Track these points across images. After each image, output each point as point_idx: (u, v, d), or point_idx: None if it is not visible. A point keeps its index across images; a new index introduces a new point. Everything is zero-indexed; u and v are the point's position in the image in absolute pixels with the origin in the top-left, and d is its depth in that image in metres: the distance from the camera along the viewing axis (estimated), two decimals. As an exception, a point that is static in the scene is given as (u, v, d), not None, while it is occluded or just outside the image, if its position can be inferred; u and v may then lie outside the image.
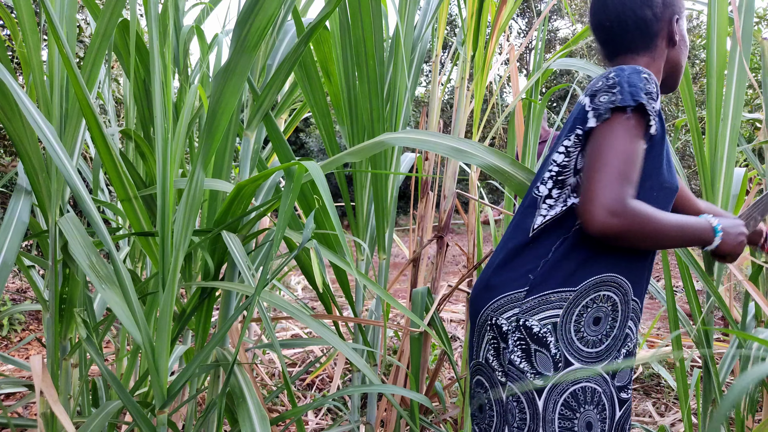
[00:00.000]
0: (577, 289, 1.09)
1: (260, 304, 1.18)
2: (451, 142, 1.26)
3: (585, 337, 1.10)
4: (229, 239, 1.22)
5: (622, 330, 1.14)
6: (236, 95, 1.18)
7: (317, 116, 1.64)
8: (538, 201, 1.15)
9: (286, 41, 1.61)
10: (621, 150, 1.00)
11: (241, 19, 1.17)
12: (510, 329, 1.11)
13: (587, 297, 1.10)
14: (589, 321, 1.10)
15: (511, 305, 1.12)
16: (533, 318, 1.09)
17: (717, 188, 1.55)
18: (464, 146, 1.26)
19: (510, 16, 2.07)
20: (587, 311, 1.10)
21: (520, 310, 1.10)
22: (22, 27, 1.19)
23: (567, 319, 1.09)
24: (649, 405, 2.81)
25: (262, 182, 1.20)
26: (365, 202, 1.69)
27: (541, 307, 1.09)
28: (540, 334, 1.08)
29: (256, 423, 1.11)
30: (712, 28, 1.52)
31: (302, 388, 2.89)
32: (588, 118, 1.07)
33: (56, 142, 1.10)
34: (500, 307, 1.13)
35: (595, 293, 1.10)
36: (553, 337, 1.08)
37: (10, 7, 3.84)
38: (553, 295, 1.09)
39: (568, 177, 1.12)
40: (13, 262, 1.16)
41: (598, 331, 1.11)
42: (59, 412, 1.08)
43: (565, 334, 1.09)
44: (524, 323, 1.10)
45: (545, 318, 1.09)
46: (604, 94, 1.06)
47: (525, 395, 1.09)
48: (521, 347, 1.10)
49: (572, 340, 1.09)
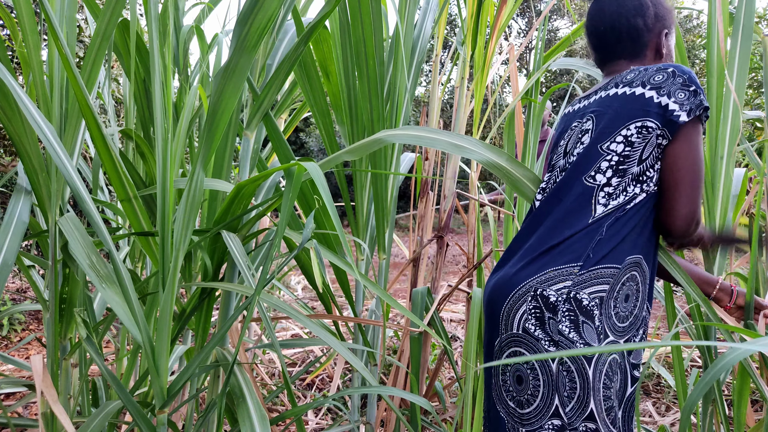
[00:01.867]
0: (622, 266, 1.17)
1: (260, 304, 1.18)
2: (449, 137, 1.27)
3: (619, 313, 1.17)
4: (228, 239, 1.22)
5: (642, 310, 1.21)
6: (236, 95, 1.18)
7: (317, 116, 1.64)
8: (594, 190, 1.21)
9: (285, 41, 1.61)
10: (700, 164, 1.15)
11: (241, 19, 1.17)
12: (560, 300, 1.15)
13: (626, 275, 1.18)
14: (622, 297, 1.18)
15: (564, 278, 1.17)
16: (584, 291, 1.15)
17: (717, 188, 1.54)
18: (462, 142, 1.27)
19: (510, 16, 2.07)
20: (623, 288, 1.17)
21: (573, 282, 1.16)
22: (22, 27, 1.19)
23: (611, 295, 1.16)
24: (649, 405, 2.81)
25: (261, 182, 1.20)
26: (365, 202, 1.69)
27: (593, 281, 1.16)
28: (588, 307, 1.14)
29: (256, 423, 1.11)
30: (713, 28, 1.52)
31: (302, 388, 2.89)
32: (672, 111, 1.15)
33: (56, 141, 1.10)
34: (550, 279, 1.18)
35: (630, 272, 1.18)
36: (598, 310, 1.14)
37: (10, 6, 3.84)
38: (605, 270, 1.16)
39: (631, 166, 1.19)
40: (13, 262, 1.16)
41: (627, 308, 1.18)
42: (59, 411, 1.08)
43: (607, 309, 1.15)
44: (575, 295, 1.15)
45: (595, 292, 1.15)
46: (683, 91, 1.16)
47: (575, 364, 1.14)
48: (570, 318, 1.15)
49: (611, 315, 1.16)
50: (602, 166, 1.21)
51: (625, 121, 1.19)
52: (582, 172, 1.23)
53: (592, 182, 1.21)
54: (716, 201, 1.54)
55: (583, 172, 1.23)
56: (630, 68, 1.30)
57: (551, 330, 1.16)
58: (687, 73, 1.18)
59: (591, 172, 1.22)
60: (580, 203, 1.22)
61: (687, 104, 1.15)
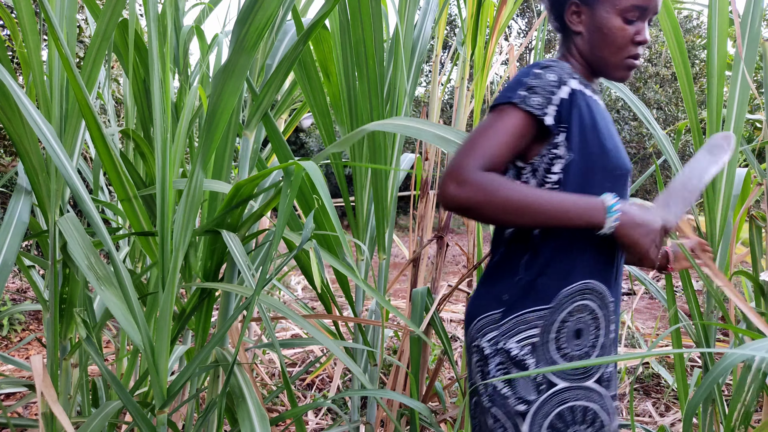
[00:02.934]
0: (553, 304, 1.03)
1: (260, 305, 1.18)
2: (436, 129, 1.23)
3: (569, 354, 1.03)
4: (228, 238, 1.22)
5: (608, 336, 1.08)
6: (236, 95, 1.18)
7: (317, 116, 1.64)
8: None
9: (285, 41, 1.61)
10: (484, 129, 1.00)
11: (241, 18, 1.17)
12: (491, 353, 1.05)
13: (564, 311, 1.03)
14: (570, 336, 1.04)
15: (490, 327, 1.06)
16: (511, 340, 1.03)
17: (718, 189, 1.54)
18: (449, 134, 1.22)
19: (510, 16, 2.07)
20: (566, 325, 1.03)
21: (499, 332, 1.05)
22: (23, 27, 1.19)
23: (546, 338, 1.03)
24: (649, 405, 2.80)
25: (260, 181, 1.20)
26: (365, 202, 1.69)
27: (518, 328, 1.03)
28: (519, 357, 1.02)
29: (256, 423, 1.11)
30: (713, 29, 1.51)
31: (302, 388, 2.89)
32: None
33: (56, 142, 1.10)
34: (481, 328, 1.08)
35: (571, 305, 1.03)
36: (533, 358, 1.02)
37: (11, 7, 3.84)
38: (529, 315, 1.03)
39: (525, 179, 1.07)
40: (13, 262, 1.16)
41: (582, 344, 1.04)
42: (59, 412, 1.08)
43: (545, 354, 1.02)
44: (503, 346, 1.04)
45: (523, 339, 1.03)
46: (499, 94, 1.06)
47: (509, 421, 1.03)
48: (502, 371, 1.04)
49: (554, 361, 1.03)
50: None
51: None
52: None
53: None
54: (717, 201, 1.54)
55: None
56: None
57: (489, 386, 1.06)
58: (529, 68, 1.04)
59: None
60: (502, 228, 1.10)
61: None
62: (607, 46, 1.06)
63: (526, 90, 1.00)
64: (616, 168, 1.05)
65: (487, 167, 0.96)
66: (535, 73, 1.02)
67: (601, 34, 1.06)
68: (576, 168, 1.02)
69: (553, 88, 1.01)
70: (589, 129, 1.03)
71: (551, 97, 1.01)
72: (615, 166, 1.05)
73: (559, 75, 1.02)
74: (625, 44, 1.05)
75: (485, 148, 0.97)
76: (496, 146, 0.98)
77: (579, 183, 1.02)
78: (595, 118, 1.04)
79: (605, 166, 1.04)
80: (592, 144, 1.02)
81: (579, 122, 1.02)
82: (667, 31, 1.55)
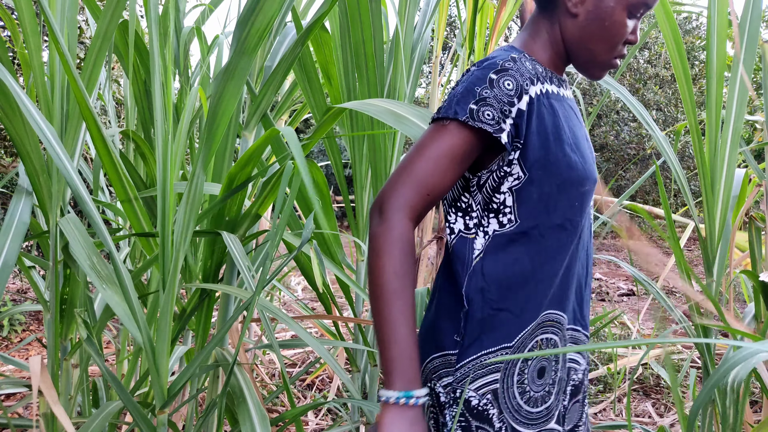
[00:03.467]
0: (514, 343, 0.90)
1: (260, 305, 1.19)
2: (389, 105, 1.15)
3: (532, 397, 0.91)
4: (228, 239, 1.22)
5: (564, 369, 0.97)
6: (236, 96, 1.19)
7: (317, 117, 1.65)
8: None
9: (285, 43, 1.62)
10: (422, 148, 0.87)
11: (241, 21, 1.17)
12: (447, 401, 0.90)
13: (525, 350, 0.91)
14: (533, 376, 0.92)
15: (446, 369, 0.91)
16: (469, 388, 0.89)
17: (717, 190, 1.55)
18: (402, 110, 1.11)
19: (510, 17, 2.08)
20: (529, 365, 0.91)
21: (454, 378, 0.89)
22: (23, 28, 1.20)
23: (508, 383, 0.90)
24: (649, 405, 2.81)
25: (252, 167, 1.19)
26: (365, 202, 1.69)
27: (476, 374, 0.89)
28: (480, 408, 0.89)
29: (256, 423, 1.12)
30: (712, 30, 1.52)
31: (302, 389, 2.89)
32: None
33: (57, 143, 1.10)
34: (436, 370, 0.92)
35: (533, 341, 0.91)
36: (495, 408, 0.89)
37: (11, 8, 3.84)
38: (488, 356, 0.89)
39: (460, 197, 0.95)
40: (14, 263, 1.16)
41: (544, 383, 0.93)
42: (59, 412, 1.08)
43: (509, 401, 0.90)
44: (460, 395, 0.89)
45: (483, 386, 0.89)
46: (447, 97, 0.91)
47: None
48: (461, 425, 0.90)
49: (519, 407, 0.90)
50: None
51: None
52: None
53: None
54: (716, 203, 1.55)
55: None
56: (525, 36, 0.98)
57: None
58: (469, 74, 0.89)
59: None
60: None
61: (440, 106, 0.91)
62: (603, 40, 0.92)
63: (477, 102, 0.86)
64: (581, 182, 0.92)
65: (421, 204, 0.86)
66: (489, 80, 0.87)
67: (602, 26, 0.91)
68: (534, 188, 0.89)
69: (511, 98, 0.87)
70: (551, 141, 0.89)
71: (509, 110, 0.86)
72: (580, 180, 0.92)
73: (517, 82, 0.87)
74: (619, 41, 0.93)
75: (421, 177, 0.86)
76: (435, 174, 0.86)
77: (538, 204, 0.90)
78: (559, 126, 0.91)
79: (570, 182, 0.91)
80: (555, 158, 0.89)
81: (541, 135, 0.89)
82: (666, 32, 1.56)
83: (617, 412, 2.74)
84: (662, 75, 9.70)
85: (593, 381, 3.08)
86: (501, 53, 0.91)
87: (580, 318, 0.99)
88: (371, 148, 1.58)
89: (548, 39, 0.96)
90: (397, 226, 0.83)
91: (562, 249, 0.92)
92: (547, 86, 0.93)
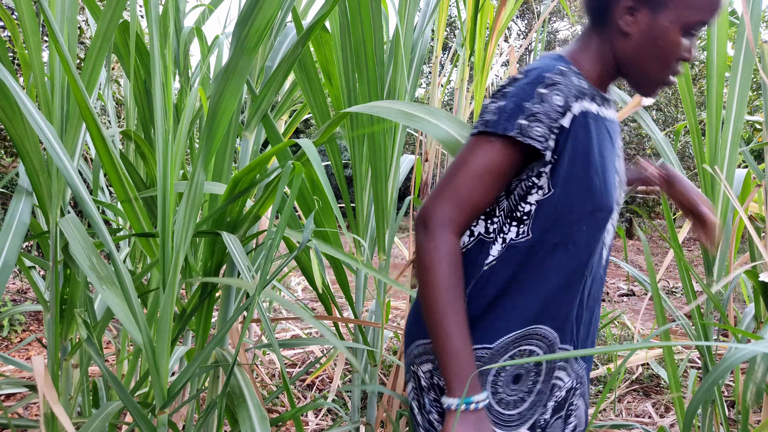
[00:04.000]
0: (494, 346, 0.93)
1: (260, 305, 1.18)
2: (401, 106, 1.16)
3: (504, 399, 0.94)
4: (228, 239, 1.22)
5: (548, 384, 0.98)
6: (236, 96, 1.19)
7: (317, 117, 1.65)
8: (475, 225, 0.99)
9: (286, 43, 1.62)
10: (467, 162, 0.88)
11: (241, 20, 1.17)
12: (427, 386, 0.97)
13: (505, 354, 0.94)
14: (508, 380, 0.95)
15: (428, 357, 0.97)
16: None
17: (717, 190, 1.55)
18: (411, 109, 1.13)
19: (510, 17, 2.08)
20: (506, 370, 0.94)
21: (434, 366, 0.95)
22: (23, 28, 1.20)
23: (483, 380, 0.94)
24: (649, 405, 2.81)
25: (258, 172, 1.19)
26: (365, 203, 1.69)
27: None
28: None
29: (256, 423, 1.12)
30: (712, 31, 1.52)
31: (302, 389, 2.89)
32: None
33: (57, 142, 1.10)
34: (420, 355, 0.99)
35: (515, 349, 0.94)
36: None
37: (11, 8, 3.84)
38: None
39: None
40: (14, 263, 1.16)
41: (518, 389, 0.95)
42: (59, 412, 1.08)
43: None
44: (438, 383, 0.95)
45: None
46: (491, 104, 0.90)
47: None
48: (437, 409, 0.96)
49: (489, 405, 0.94)
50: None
51: None
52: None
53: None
54: (716, 203, 1.55)
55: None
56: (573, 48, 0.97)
57: (424, 419, 0.98)
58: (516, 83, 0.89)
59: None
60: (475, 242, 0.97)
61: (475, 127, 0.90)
62: (657, 59, 0.91)
63: (527, 117, 0.86)
64: (597, 209, 0.93)
65: (465, 219, 0.88)
66: (539, 95, 0.87)
67: (656, 45, 0.90)
68: (553, 205, 0.90)
69: (558, 115, 0.87)
70: (579, 162, 0.90)
71: (554, 125, 0.87)
72: (596, 208, 0.92)
73: (565, 97, 0.88)
74: (673, 60, 0.91)
75: (465, 194, 0.87)
76: (480, 191, 0.88)
77: (551, 221, 0.91)
78: (590, 149, 0.91)
79: (585, 206, 0.92)
80: (577, 180, 0.90)
81: (571, 154, 0.89)
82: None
83: (617, 412, 2.74)
84: (662, 75, 9.68)
85: (593, 381, 3.08)
86: (548, 63, 0.91)
87: (576, 339, 1.00)
88: (371, 148, 1.58)
89: (598, 54, 0.95)
90: (444, 243, 0.86)
91: (560, 267, 0.93)
92: (587, 105, 0.92)
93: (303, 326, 3.72)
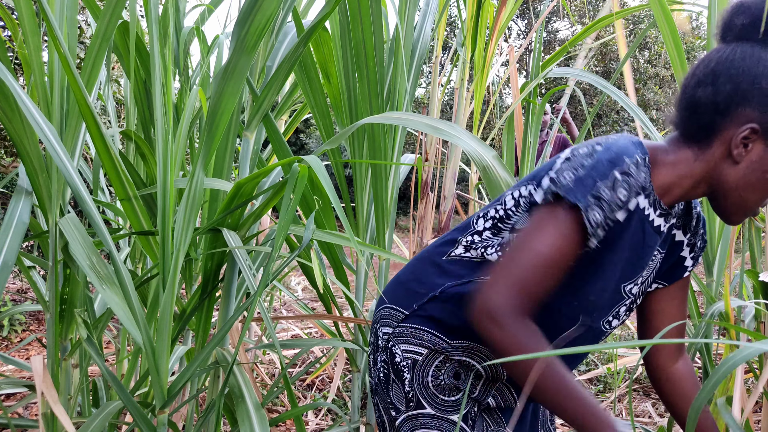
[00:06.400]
0: (452, 343, 0.98)
1: (261, 304, 1.19)
2: (427, 120, 1.22)
3: (442, 384, 0.98)
4: (229, 238, 1.22)
5: (489, 390, 1.01)
6: (236, 96, 1.19)
7: (317, 117, 1.65)
8: (469, 228, 1.00)
9: (286, 43, 1.62)
10: (539, 252, 0.84)
11: (241, 19, 1.17)
12: (381, 346, 1.02)
13: (455, 355, 0.98)
14: (449, 372, 0.99)
15: (389, 321, 1.02)
16: (399, 345, 0.99)
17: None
18: (440, 125, 1.18)
19: (509, 17, 2.08)
20: (450, 364, 0.98)
21: (393, 332, 1.01)
22: (23, 28, 1.20)
23: (428, 362, 0.98)
24: (649, 405, 2.81)
25: (261, 179, 1.20)
26: (365, 203, 1.69)
27: (410, 339, 0.98)
28: (399, 366, 0.99)
29: (255, 423, 1.12)
30: (713, 30, 1.52)
31: (302, 389, 2.89)
32: (542, 185, 0.89)
33: (57, 142, 1.10)
34: (385, 317, 1.04)
35: (462, 353, 0.98)
36: (409, 374, 0.98)
37: (11, 8, 3.84)
38: (425, 334, 0.98)
39: (506, 230, 0.97)
40: (14, 263, 1.16)
41: (457, 383, 0.99)
42: (59, 412, 1.08)
43: (422, 377, 0.98)
44: (391, 347, 1.00)
45: (408, 351, 0.98)
46: (567, 171, 0.86)
47: (385, 416, 1.03)
48: (383, 371, 1.02)
49: (427, 385, 0.98)
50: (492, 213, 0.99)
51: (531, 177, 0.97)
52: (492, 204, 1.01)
53: (476, 221, 1.00)
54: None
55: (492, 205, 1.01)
56: (680, 157, 0.91)
57: (375, 375, 1.04)
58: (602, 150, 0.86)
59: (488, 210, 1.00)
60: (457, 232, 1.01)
61: (549, 187, 0.87)
62: (759, 190, 0.88)
63: (595, 197, 0.83)
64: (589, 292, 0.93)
65: (533, 304, 0.84)
66: (613, 179, 0.83)
67: (762, 177, 0.87)
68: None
69: (618, 208, 0.85)
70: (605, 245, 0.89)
71: (610, 217, 0.85)
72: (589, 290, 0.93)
73: (628, 194, 0.85)
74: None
75: (532, 285, 0.83)
76: (546, 279, 0.84)
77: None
78: (622, 240, 0.90)
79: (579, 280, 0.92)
80: (589, 259, 0.90)
81: (607, 243, 0.89)
82: (665, 33, 1.56)
83: (617, 412, 2.74)
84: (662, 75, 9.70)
85: (593, 381, 3.08)
86: (630, 147, 0.87)
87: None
88: (371, 148, 1.58)
89: (681, 170, 0.91)
90: (520, 331, 0.82)
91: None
92: (644, 203, 0.90)
93: (303, 326, 3.72)
